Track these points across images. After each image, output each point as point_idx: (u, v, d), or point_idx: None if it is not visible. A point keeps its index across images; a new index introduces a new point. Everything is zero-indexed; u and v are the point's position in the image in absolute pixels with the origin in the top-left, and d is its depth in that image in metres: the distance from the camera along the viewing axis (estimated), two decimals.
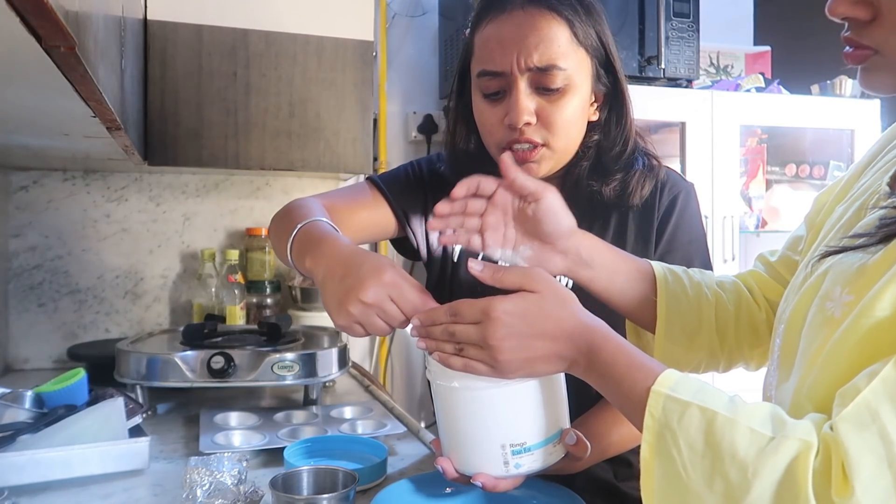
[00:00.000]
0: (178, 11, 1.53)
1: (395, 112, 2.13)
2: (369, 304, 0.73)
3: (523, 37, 0.93)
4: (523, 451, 0.72)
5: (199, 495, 0.85)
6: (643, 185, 1.02)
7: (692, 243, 1.06)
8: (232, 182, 1.89)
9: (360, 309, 0.73)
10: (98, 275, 1.78)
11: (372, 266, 0.74)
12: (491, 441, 0.72)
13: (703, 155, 1.95)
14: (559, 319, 0.69)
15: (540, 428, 0.73)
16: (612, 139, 1.02)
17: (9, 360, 1.70)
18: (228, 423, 1.22)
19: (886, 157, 0.73)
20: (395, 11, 2.11)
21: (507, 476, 0.73)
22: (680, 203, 1.05)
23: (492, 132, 0.99)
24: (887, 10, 0.58)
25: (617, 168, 1.02)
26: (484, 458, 0.73)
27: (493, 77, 0.95)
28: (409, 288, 0.74)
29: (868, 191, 0.69)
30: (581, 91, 0.97)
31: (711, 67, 2.41)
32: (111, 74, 0.83)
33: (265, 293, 1.85)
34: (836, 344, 0.59)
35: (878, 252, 0.59)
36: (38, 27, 0.47)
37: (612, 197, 1.02)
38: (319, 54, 1.64)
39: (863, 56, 0.61)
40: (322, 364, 1.36)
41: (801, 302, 0.67)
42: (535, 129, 0.95)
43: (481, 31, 0.98)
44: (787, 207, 2.15)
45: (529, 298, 0.70)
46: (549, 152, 0.97)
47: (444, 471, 0.76)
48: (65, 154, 1.42)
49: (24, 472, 0.95)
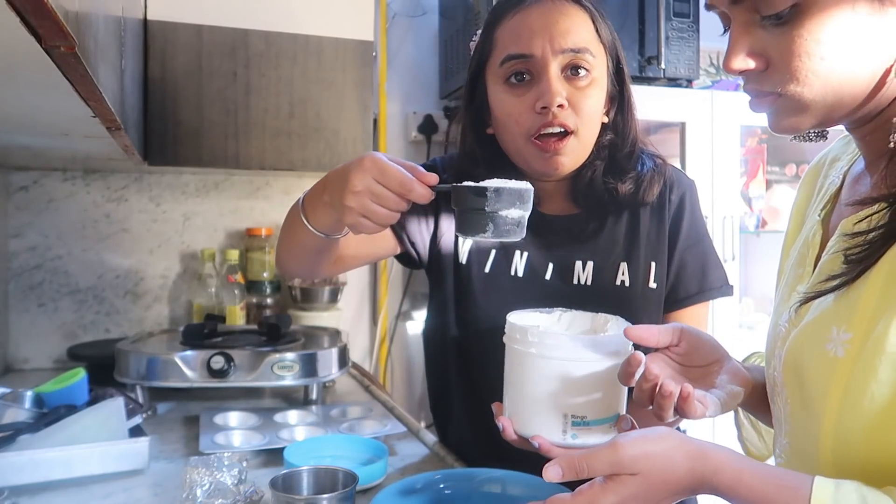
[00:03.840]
0: (178, 11, 1.53)
1: (395, 112, 2.13)
2: (360, 192, 0.78)
3: (554, 22, 0.94)
4: (582, 424, 0.76)
5: (199, 495, 0.85)
6: (654, 183, 1.04)
7: (706, 237, 1.09)
8: (232, 182, 1.89)
9: (355, 200, 0.79)
10: (98, 275, 1.78)
11: (354, 161, 0.80)
12: (556, 408, 0.76)
13: (703, 155, 1.95)
14: (674, 483, 0.62)
15: (602, 407, 0.77)
16: (622, 137, 1.04)
17: (9, 360, 1.70)
18: (228, 423, 1.22)
19: (820, 194, 0.77)
20: (395, 11, 2.10)
21: (562, 444, 0.77)
22: (689, 200, 1.08)
23: (518, 121, 0.97)
24: (777, 57, 0.63)
25: (630, 167, 1.04)
26: (545, 423, 0.77)
27: (520, 60, 0.95)
28: (389, 166, 0.78)
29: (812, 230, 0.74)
30: (602, 86, 0.99)
31: (711, 67, 2.41)
32: (111, 74, 0.83)
33: (265, 293, 1.85)
34: (855, 384, 0.60)
35: (856, 283, 0.61)
36: (38, 27, 0.47)
37: (626, 195, 1.03)
38: (319, 54, 1.64)
39: (769, 101, 0.66)
40: (322, 364, 1.36)
41: (794, 350, 0.68)
42: (567, 114, 0.95)
43: (504, 23, 0.98)
44: (787, 207, 2.15)
45: (633, 483, 0.62)
46: (577, 142, 0.97)
47: (504, 428, 0.79)
48: (65, 154, 1.42)
49: (24, 472, 0.95)
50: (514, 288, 1.03)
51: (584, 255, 1.04)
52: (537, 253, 1.05)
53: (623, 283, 1.02)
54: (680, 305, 1.06)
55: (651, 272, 1.04)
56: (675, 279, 1.06)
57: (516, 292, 1.03)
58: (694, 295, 1.06)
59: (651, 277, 1.04)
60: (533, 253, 1.05)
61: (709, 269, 1.08)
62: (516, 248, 1.04)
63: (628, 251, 1.04)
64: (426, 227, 1.10)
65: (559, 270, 1.04)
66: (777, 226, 2.17)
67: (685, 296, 1.06)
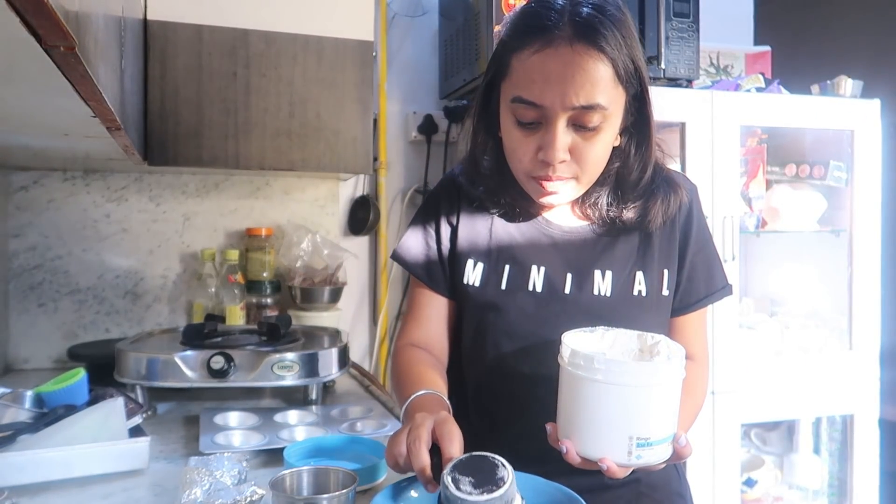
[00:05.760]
0: (178, 11, 1.54)
1: (395, 112, 2.13)
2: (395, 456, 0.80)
3: (570, 76, 0.90)
4: (646, 444, 0.79)
5: (198, 495, 0.85)
6: (665, 211, 1.01)
7: (710, 240, 1.09)
8: (232, 182, 1.89)
9: (392, 462, 0.81)
10: (98, 275, 1.78)
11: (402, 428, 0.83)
12: (621, 431, 0.79)
13: (703, 155, 1.94)
14: None
15: (663, 426, 0.81)
16: (630, 165, 1.01)
17: (9, 360, 1.70)
18: (228, 423, 1.22)
19: None
20: (395, 11, 2.10)
21: (627, 464, 0.80)
22: (695, 206, 1.07)
23: (521, 160, 0.96)
24: None
25: (636, 195, 1.01)
26: (610, 446, 0.80)
27: (530, 107, 0.93)
28: (416, 452, 0.77)
29: None
30: (614, 125, 0.96)
31: (711, 67, 2.41)
32: (111, 74, 0.83)
33: (265, 293, 1.85)
34: None
35: None
36: (38, 27, 0.47)
37: (631, 222, 1.01)
38: (319, 54, 1.64)
39: None
40: (322, 364, 1.36)
41: None
42: (566, 166, 0.94)
43: (523, 58, 0.93)
44: (787, 207, 2.15)
45: None
46: (576, 185, 0.97)
47: (567, 451, 0.81)
48: (65, 154, 1.42)
49: (24, 472, 0.95)
50: (533, 303, 1.01)
51: (602, 266, 1.02)
52: (554, 266, 1.03)
53: (640, 292, 1.01)
54: (688, 311, 1.06)
55: (664, 280, 1.03)
56: (686, 284, 1.05)
57: (537, 307, 1.01)
58: (702, 299, 1.06)
59: (664, 285, 1.03)
60: (550, 267, 1.03)
61: (714, 271, 1.08)
62: (532, 264, 1.03)
63: (643, 260, 1.03)
64: (442, 267, 1.08)
65: (578, 282, 1.02)
66: (777, 226, 2.16)
67: (695, 300, 1.06)
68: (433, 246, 1.09)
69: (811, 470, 2.23)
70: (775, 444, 2.32)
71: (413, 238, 1.10)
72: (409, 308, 1.13)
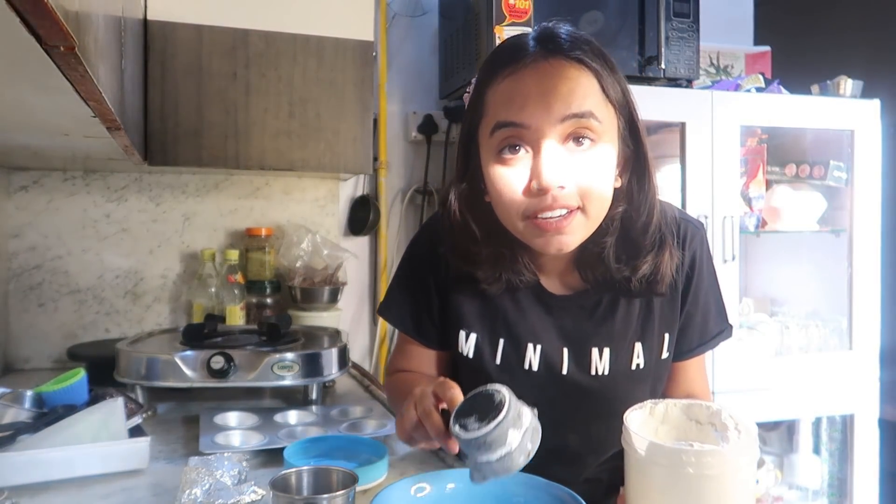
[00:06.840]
0: (178, 11, 1.54)
1: (395, 112, 2.13)
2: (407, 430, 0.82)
3: (552, 87, 0.81)
4: None
5: (198, 495, 0.85)
6: (674, 268, 0.93)
7: (714, 285, 1.02)
8: (232, 182, 1.89)
9: (406, 437, 0.83)
10: (98, 275, 1.78)
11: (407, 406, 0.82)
12: None
13: (703, 155, 1.94)
14: None
15: None
16: (636, 207, 0.90)
17: (9, 360, 1.70)
18: (228, 423, 1.22)
19: None
20: (395, 11, 2.10)
21: None
22: (699, 256, 0.98)
23: (513, 200, 0.84)
24: None
25: (647, 246, 0.91)
26: None
27: (513, 129, 0.83)
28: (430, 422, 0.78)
29: None
30: (613, 149, 0.86)
31: (711, 67, 2.41)
32: (111, 74, 0.83)
33: (265, 293, 1.85)
34: None
35: None
36: (38, 27, 0.47)
37: (640, 286, 0.92)
38: (319, 54, 1.64)
39: None
40: (322, 364, 1.36)
41: None
42: (567, 194, 0.83)
43: (496, 85, 0.85)
44: (787, 207, 2.15)
45: None
46: (584, 218, 0.85)
47: None
48: (65, 154, 1.42)
49: (24, 472, 0.95)
50: (530, 384, 0.95)
51: (600, 341, 0.95)
52: (551, 343, 0.96)
53: (639, 366, 0.96)
54: (679, 359, 1.01)
55: (664, 344, 0.97)
56: (678, 335, 0.99)
57: (532, 388, 0.93)
58: (693, 349, 1.01)
59: (664, 349, 0.98)
60: (547, 344, 0.96)
61: (708, 318, 1.00)
62: (528, 342, 0.96)
63: (643, 330, 0.96)
64: (433, 323, 1.03)
65: (576, 361, 0.96)
66: (777, 226, 2.16)
67: (686, 350, 1.01)
68: (422, 301, 1.02)
69: (811, 470, 2.23)
70: (775, 444, 2.32)
71: (399, 293, 1.05)
72: (400, 354, 1.09)
